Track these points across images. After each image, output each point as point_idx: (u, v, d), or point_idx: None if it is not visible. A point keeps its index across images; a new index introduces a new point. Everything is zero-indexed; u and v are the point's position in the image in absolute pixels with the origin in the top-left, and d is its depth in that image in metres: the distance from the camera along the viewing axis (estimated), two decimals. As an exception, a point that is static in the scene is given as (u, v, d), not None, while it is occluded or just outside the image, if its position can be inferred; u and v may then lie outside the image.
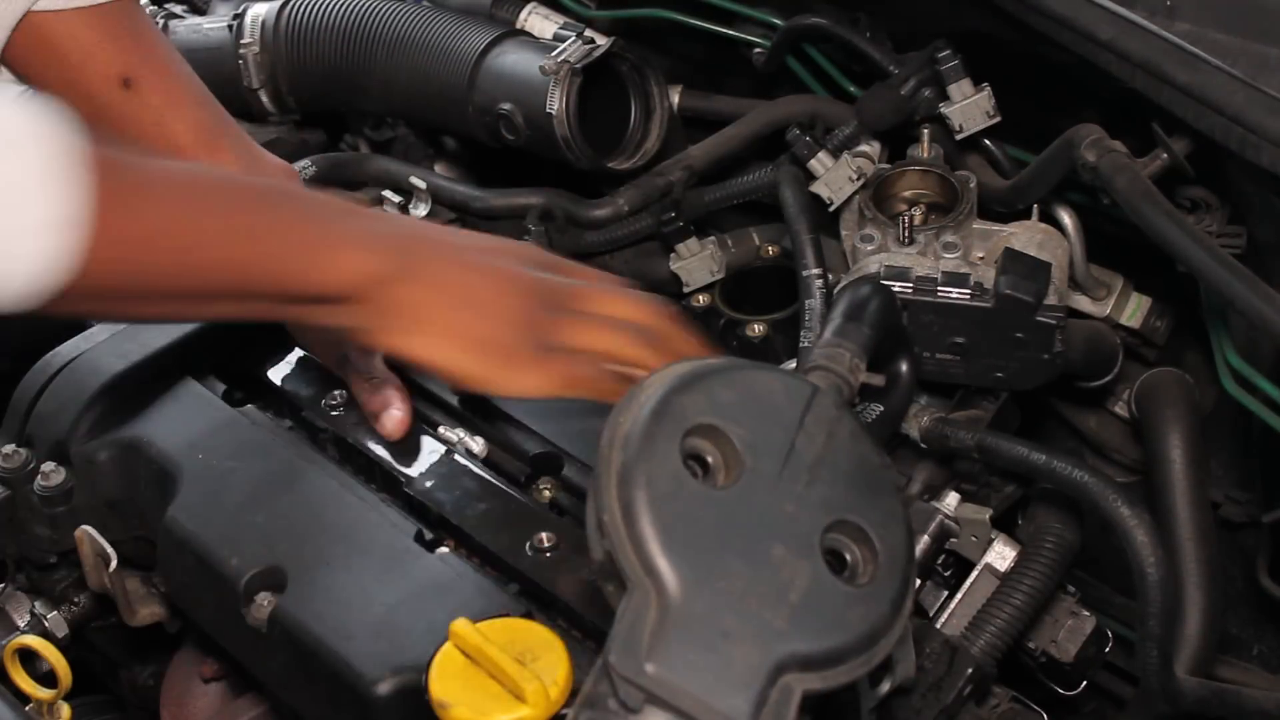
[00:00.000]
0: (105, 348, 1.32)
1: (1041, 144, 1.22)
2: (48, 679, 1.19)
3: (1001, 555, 1.17)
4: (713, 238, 1.46)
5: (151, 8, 1.65)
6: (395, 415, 1.24)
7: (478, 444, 1.24)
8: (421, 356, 1.05)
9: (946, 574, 1.19)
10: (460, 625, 0.95)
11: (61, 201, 0.85)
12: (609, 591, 0.81)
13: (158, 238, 0.93)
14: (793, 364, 1.26)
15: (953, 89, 1.31)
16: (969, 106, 1.31)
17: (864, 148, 1.36)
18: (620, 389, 1.04)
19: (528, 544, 1.12)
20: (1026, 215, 1.25)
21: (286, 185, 1.09)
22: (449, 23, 1.53)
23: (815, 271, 1.28)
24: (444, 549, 1.13)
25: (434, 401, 1.28)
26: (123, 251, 0.90)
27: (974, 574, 1.17)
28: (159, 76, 1.29)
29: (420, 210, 1.54)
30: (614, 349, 1.09)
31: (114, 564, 1.18)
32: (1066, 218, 1.26)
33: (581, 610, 1.07)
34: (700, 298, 1.46)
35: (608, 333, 1.09)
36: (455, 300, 1.06)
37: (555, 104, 1.40)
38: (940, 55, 1.30)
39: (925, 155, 1.33)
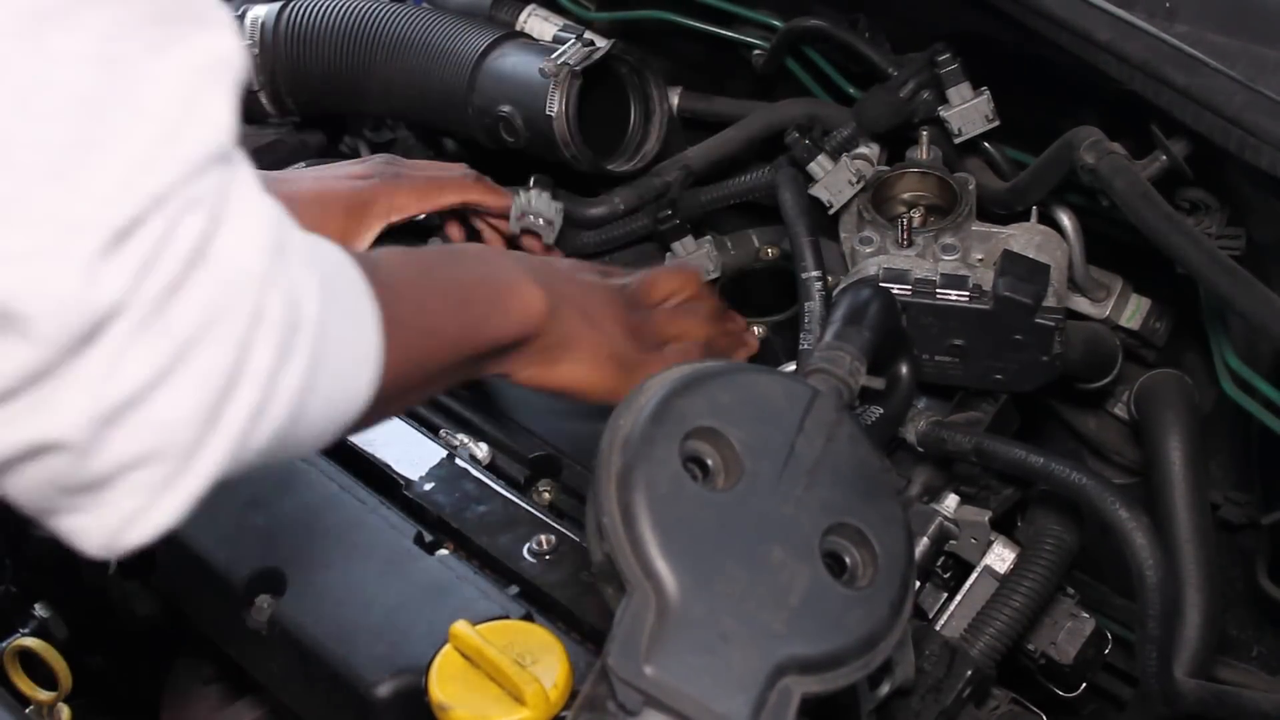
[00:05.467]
0: (105, 350, 1.32)
1: (1040, 146, 1.22)
2: (48, 681, 1.19)
3: (1001, 557, 1.17)
4: (709, 237, 1.46)
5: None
6: None
7: (481, 450, 1.24)
8: (566, 381, 1.11)
9: (946, 576, 1.19)
10: (460, 627, 0.96)
11: (366, 334, 0.81)
12: (608, 594, 0.81)
13: (414, 335, 0.91)
14: (792, 366, 1.26)
15: (952, 93, 1.31)
16: (968, 110, 1.31)
17: (863, 150, 1.36)
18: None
19: (527, 546, 1.13)
20: (1025, 217, 1.25)
21: (450, 246, 1.16)
22: (448, 25, 1.53)
23: (814, 274, 1.28)
24: (444, 551, 1.14)
25: (435, 405, 1.28)
26: (398, 358, 0.86)
27: (973, 576, 1.17)
28: None
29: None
30: (688, 330, 1.23)
31: (114, 566, 1.18)
32: (1066, 219, 1.26)
33: (580, 613, 1.07)
34: (700, 299, 1.46)
35: (679, 319, 1.23)
36: (588, 321, 1.12)
37: (555, 106, 1.40)
38: (940, 59, 1.30)
39: (924, 157, 1.33)
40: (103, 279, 0.63)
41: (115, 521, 0.70)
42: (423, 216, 1.39)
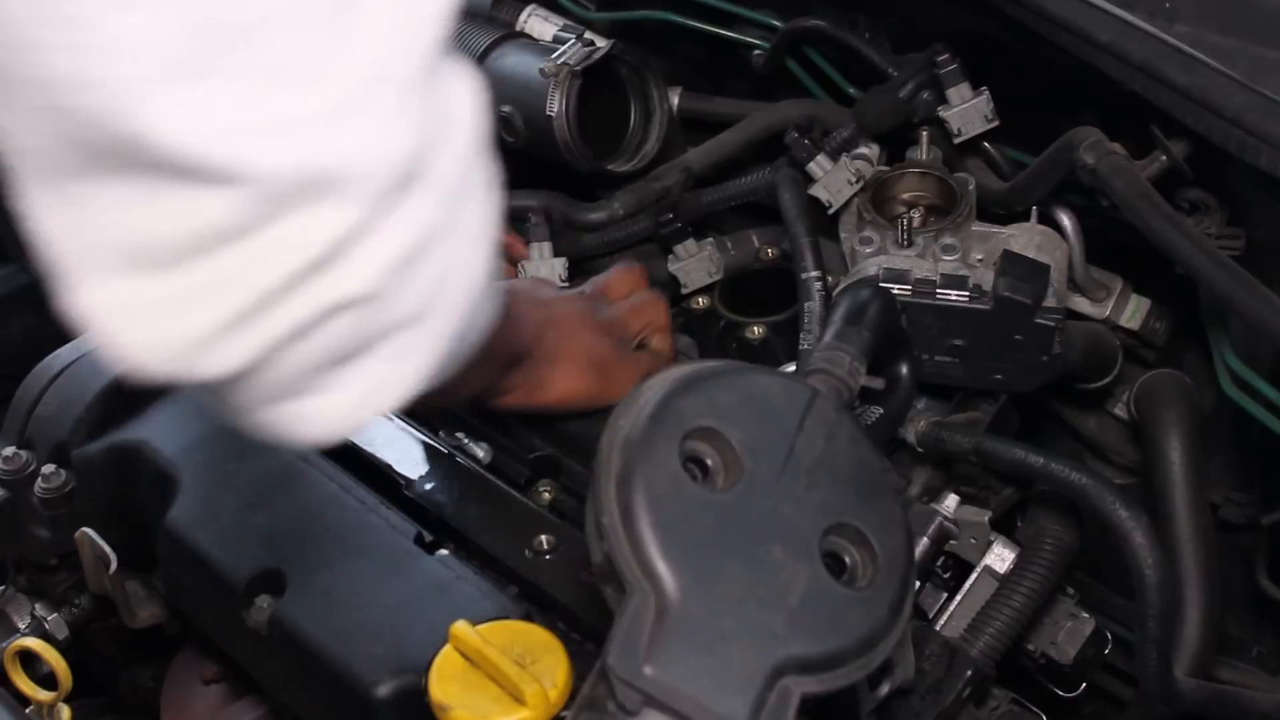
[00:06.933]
0: (105, 350, 1.32)
1: (1040, 146, 1.22)
2: (48, 681, 1.19)
3: (1001, 557, 1.17)
4: (711, 239, 1.46)
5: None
6: None
7: (481, 450, 1.24)
8: (551, 398, 1.17)
9: (945, 576, 1.19)
10: (460, 627, 0.96)
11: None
12: (608, 594, 0.81)
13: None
14: (792, 367, 1.26)
15: (951, 93, 1.31)
16: (967, 110, 1.31)
17: (863, 150, 1.36)
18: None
19: (527, 546, 1.13)
20: (1025, 217, 1.25)
21: None
22: (448, 25, 1.53)
23: (814, 274, 1.28)
24: (444, 551, 1.13)
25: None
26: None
27: (973, 576, 1.17)
28: None
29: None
30: (653, 319, 1.27)
31: (114, 566, 1.18)
32: (1066, 219, 1.26)
33: (581, 613, 1.07)
34: (700, 300, 1.46)
35: (643, 310, 1.26)
36: (564, 334, 1.16)
37: (555, 106, 1.40)
38: (939, 59, 1.30)
39: (924, 157, 1.33)
40: (404, 133, 0.62)
41: (357, 395, 0.70)
42: None
